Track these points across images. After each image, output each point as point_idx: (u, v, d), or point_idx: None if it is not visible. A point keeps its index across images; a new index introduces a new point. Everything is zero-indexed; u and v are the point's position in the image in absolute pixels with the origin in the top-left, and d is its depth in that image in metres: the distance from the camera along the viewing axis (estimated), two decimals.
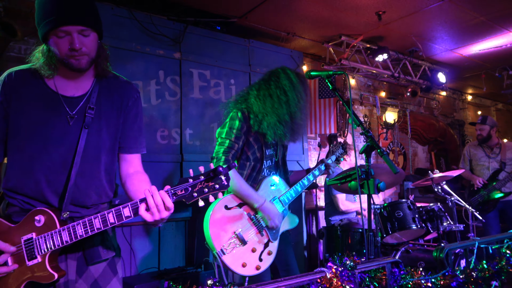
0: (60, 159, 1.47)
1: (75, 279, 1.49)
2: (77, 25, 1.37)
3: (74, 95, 1.51)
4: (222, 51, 4.09)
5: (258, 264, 2.15)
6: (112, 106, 1.58)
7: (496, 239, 2.33)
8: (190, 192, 1.34)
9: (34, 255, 1.39)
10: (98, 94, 1.55)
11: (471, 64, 6.24)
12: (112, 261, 1.61)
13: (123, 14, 3.49)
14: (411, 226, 3.26)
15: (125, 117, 1.62)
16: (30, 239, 1.39)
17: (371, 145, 1.97)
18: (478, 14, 4.47)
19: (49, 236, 1.38)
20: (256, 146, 2.30)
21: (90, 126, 1.50)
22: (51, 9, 1.37)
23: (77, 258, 1.51)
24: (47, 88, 1.48)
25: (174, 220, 4.00)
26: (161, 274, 3.28)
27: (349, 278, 1.43)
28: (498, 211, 4.50)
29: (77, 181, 1.48)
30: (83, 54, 1.41)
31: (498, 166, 4.56)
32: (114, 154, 1.63)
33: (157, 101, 3.59)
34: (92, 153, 1.52)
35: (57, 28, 1.36)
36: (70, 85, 1.51)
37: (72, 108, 1.49)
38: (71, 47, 1.38)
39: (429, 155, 7.51)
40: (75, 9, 1.37)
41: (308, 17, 4.45)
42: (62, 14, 1.35)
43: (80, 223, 1.37)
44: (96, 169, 1.55)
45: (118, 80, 1.65)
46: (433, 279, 1.73)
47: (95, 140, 1.53)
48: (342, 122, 5.69)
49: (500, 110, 9.19)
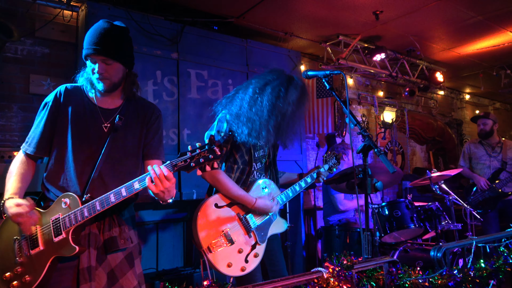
0: (91, 155, 1.79)
1: (95, 266, 1.70)
2: (101, 56, 1.76)
3: (109, 107, 1.88)
4: (220, 51, 4.08)
5: (244, 265, 2.13)
6: (137, 120, 1.93)
7: (494, 238, 2.33)
8: (188, 163, 1.58)
9: (60, 231, 1.65)
10: (127, 109, 1.91)
11: (469, 63, 6.25)
12: (130, 255, 1.84)
13: (120, 14, 3.48)
14: (409, 225, 3.26)
15: (147, 129, 1.96)
16: (58, 218, 1.68)
17: (368, 145, 1.97)
18: (476, 13, 4.47)
19: (73, 214, 1.65)
20: (244, 148, 2.28)
21: (117, 132, 1.83)
22: (88, 41, 1.78)
23: (98, 247, 1.74)
24: (88, 100, 1.88)
25: (173, 221, 3.99)
26: (159, 275, 3.27)
27: (346, 278, 1.43)
28: (498, 210, 4.44)
29: (102, 176, 1.78)
30: (105, 78, 1.79)
31: (499, 165, 4.48)
32: (138, 160, 1.93)
33: (155, 101, 3.58)
34: (116, 156, 1.83)
35: (87, 56, 1.79)
36: (106, 100, 1.89)
37: (106, 118, 1.86)
38: (96, 71, 1.78)
39: (427, 155, 7.51)
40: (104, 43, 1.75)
41: (305, 17, 4.45)
42: (92, 45, 1.76)
43: (98, 200, 1.65)
44: (119, 169, 1.83)
45: (143, 101, 2.03)
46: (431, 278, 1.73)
47: (120, 145, 1.84)
48: (340, 121, 5.69)
49: (498, 109, 9.21)
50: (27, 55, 3.46)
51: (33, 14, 3.51)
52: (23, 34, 3.39)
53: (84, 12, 3.42)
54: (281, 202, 2.39)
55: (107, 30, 1.78)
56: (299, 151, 4.56)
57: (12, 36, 3.18)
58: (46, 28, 3.53)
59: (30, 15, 3.49)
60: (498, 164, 4.50)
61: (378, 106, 6.41)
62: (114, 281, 1.76)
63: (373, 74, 6.10)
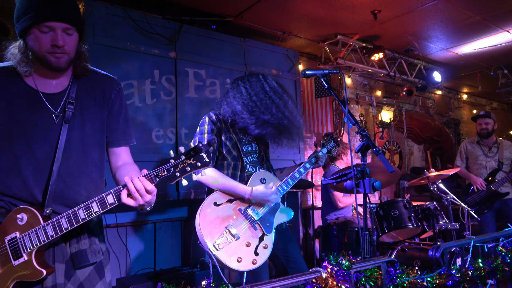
0: (45, 157, 1.45)
1: (63, 283, 1.46)
2: (64, 23, 1.37)
3: (54, 91, 1.50)
4: (218, 50, 4.07)
5: (254, 258, 2.12)
6: (94, 101, 1.57)
7: (492, 237, 2.33)
8: (172, 172, 1.33)
9: (19, 254, 1.37)
10: (78, 89, 1.54)
11: (467, 63, 6.26)
12: (100, 265, 1.58)
13: (118, 13, 3.46)
14: (407, 225, 3.26)
15: (109, 110, 1.61)
16: (14, 238, 1.38)
17: (367, 144, 1.97)
18: (473, 13, 4.48)
19: (34, 233, 1.37)
20: (230, 144, 2.33)
21: (71, 121, 1.49)
22: (37, 4, 1.35)
23: (65, 261, 1.49)
24: (26, 85, 1.46)
25: (170, 220, 3.98)
26: (156, 275, 3.26)
27: (345, 277, 1.42)
28: (495, 210, 4.45)
29: (63, 178, 1.47)
30: (65, 52, 1.41)
31: (495, 166, 4.47)
32: (103, 149, 1.62)
33: (152, 100, 3.57)
34: (77, 149, 1.51)
35: (41, 23, 1.35)
36: (49, 83, 1.50)
37: (55, 106, 1.48)
38: (54, 44, 1.37)
39: (425, 154, 7.53)
40: (62, 7, 1.37)
41: (304, 16, 4.45)
42: (48, 9, 1.35)
43: (64, 216, 1.36)
44: (83, 164, 1.53)
45: (97, 74, 1.63)
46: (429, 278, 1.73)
47: (79, 135, 1.51)
48: (338, 121, 5.69)
49: (495, 109, 9.24)
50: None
51: None
52: None
53: (81, 10, 3.41)
54: (282, 191, 2.39)
55: None
56: (297, 150, 4.55)
57: (7, 34, 3.16)
58: None
59: None
60: (494, 164, 4.49)
61: (376, 105, 6.42)
62: None
63: (371, 74, 6.11)
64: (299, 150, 4.58)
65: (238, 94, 2.36)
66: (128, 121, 1.70)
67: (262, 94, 2.33)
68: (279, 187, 2.38)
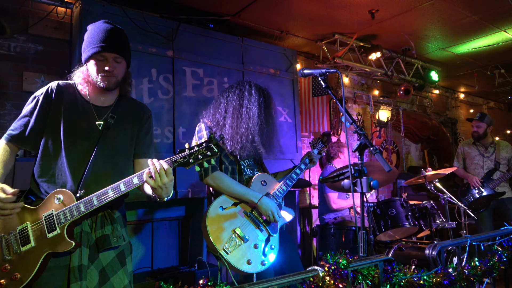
0: (83, 152, 1.78)
1: (87, 265, 1.69)
2: (113, 53, 1.79)
3: (102, 105, 1.88)
4: (215, 49, 4.06)
5: (263, 259, 2.16)
6: (129, 119, 1.94)
7: (488, 236, 2.35)
8: (187, 160, 1.62)
9: (54, 227, 1.63)
10: (120, 107, 1.92)
11: (463, 63, 6.28)
12: (122, 253, 1.83)
13: (115, 11, 3.45)
14: (404, 224, 3.28)
15: (139, 128, 1.97)
16: (51, 214, 1.65)
17: (364, 144, 1.97)
18: (470, 13, 4.49)
19: (68, 210, 1.63)
20: (226, 149, 2.35)
21: (110, 129, 1.84)
22: (96, 40, 1.77)
23: (90, 246, 1.72)
24: (82, 98, 1.86)
25: (168, 219, 3.97)
26: (154, 274, 3.26)
27: (342, 276, 1.43)
28: (492, 209, 4.48)
29: (94, 173, 1.76)
30: (113, 75, 1.80)
31: (492, 165, 4.52)
32: (129, 160, 1.94)
33: (150, 99, 3.56)
34: (109, 153, 1.83)
35: (99, 53, 1.76)
36: (99, 98, 1.88)
37: (100, 116, 1.85)
38: (106, 69, 1.77)
39: (422, 153, 7.55)
40: (113, 41, 1.79)
41: (301, 15, 4.44)
42: (103, 43, 1.76)
43: (95, 195, 1.64)
44: (111, 167, 1.83)
45: (136, 101, 2.05)
46: (426, 276, 1.74)
47: (112, 142, 1.85)
48: (335, 120, 5.70)
49: (492, 108, 9.27)
50: (20, 52, 3.43)
51: (26, 11, 3.47)
52: (16, 31, 3.35)
53: (78, 9, 3.39)
54: (282, 192, 2.43)
55: (113, 29, 1.82)
56: (295, 149, 4.55)
57: (4, 33, 3.15)
58: (40, 25, 3.49)
59: (23, 12, 3.45)
60: (491, 164, 4.54)
61: (373, 105, 6.43)
62: (105, 279, 1.74)
63: (368, 73, 6.11)
64: (296, 149, 4.58)
65: (218, 108, 2.43)
66: (152, 141, 2.06)
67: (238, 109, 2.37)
68: (279, 188, 2.42)
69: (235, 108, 2.35)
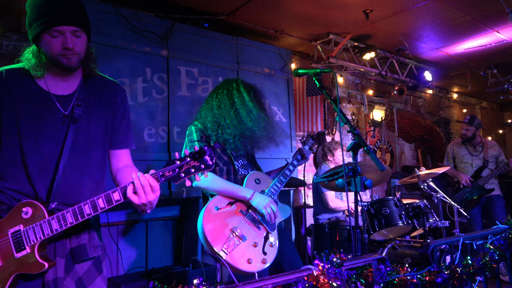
0: (51, 154, 1.51)
1: (63, 277, 1.51)
2: (71, 26, 1.45)
3: (64, 93, 1.57)
4: (210, 48, 4.06)
5: (264, 257, 2.15)
6: (100, 104, 1.65)
7: (480, 235, 2.37)
8: (177, 173, 1.38)
9: (22, 246, 1.40)
10: (86, 92, 1.61)
11: (457, 63, 6.33)
12: (98, 260, 1.64)
13: (109, 10, 3.43)
14: (397, 223, 3.29)
15: (113, 113, 1.69)
16: (18, 231, 1.41)
17: (358, 143, 1.98)
18: (464, 13, 4.53)
19: (38, 226, 1.40)
20: (220, 149, 2.35)
21: (78, 122, 1.56)
22: (45, 11, 1.43)
23: (65, 256, 1.53)
24: (38, 87, 1.53)
25: (162, 219, 3.96)
26: (148, 274, 3.25)
27: (336, 275, 1.43)
28: (481, 206, 4.66)
29: (67, 176, 1.53)
30: (75, 53, 1.47)
31: (481, 164, 4.69)
32: (106, 151, 1.69)
33: (144, 98, 3.55)
34: (82, 148, 1.57)
35: (51, 28, 1.42)
36: (60, 85, 1.56)
37: (64, 107, 1.55)
38: (64, 46, 1.45)
39: (416, 153, 7.60)
40: (69, 11, 1.45)
41: (296, 15, 4.45)
42: (57, 15, 1.42)
43: (70, 211, 1.40)
44: (87, 164, 1.59)
45: (105, 80, 1.72)
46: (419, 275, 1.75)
47: (84, 135, 1.58)
48: (330, 120, 5.71)
49: (485, 108, 9.35)
50: (13, 51, 3.39)
51: (19, 9, 3.44)
52: (8, 29, 3.32)
53: None
54: (277, 189, 2.42)
55: None
56: (290, 149, 4.56)
57: None
58: None
59: (16, 10, 3.42)
60: (480, 162, 4.71)
61: (367, 104, 6.46)
62: None
63: (363, 73, 6.14)
64: (291, 148, 4.59)
65: (209, 110, 2.41)
66: (130, 126, 1.77)
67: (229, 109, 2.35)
68: (274, 185, 2.41)
69: (225, 108, 2.34)
